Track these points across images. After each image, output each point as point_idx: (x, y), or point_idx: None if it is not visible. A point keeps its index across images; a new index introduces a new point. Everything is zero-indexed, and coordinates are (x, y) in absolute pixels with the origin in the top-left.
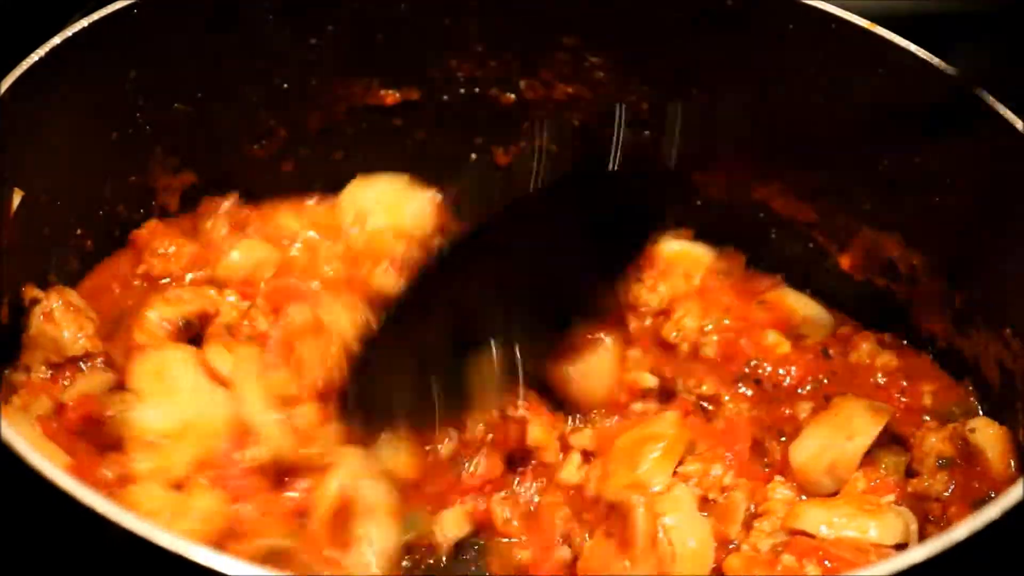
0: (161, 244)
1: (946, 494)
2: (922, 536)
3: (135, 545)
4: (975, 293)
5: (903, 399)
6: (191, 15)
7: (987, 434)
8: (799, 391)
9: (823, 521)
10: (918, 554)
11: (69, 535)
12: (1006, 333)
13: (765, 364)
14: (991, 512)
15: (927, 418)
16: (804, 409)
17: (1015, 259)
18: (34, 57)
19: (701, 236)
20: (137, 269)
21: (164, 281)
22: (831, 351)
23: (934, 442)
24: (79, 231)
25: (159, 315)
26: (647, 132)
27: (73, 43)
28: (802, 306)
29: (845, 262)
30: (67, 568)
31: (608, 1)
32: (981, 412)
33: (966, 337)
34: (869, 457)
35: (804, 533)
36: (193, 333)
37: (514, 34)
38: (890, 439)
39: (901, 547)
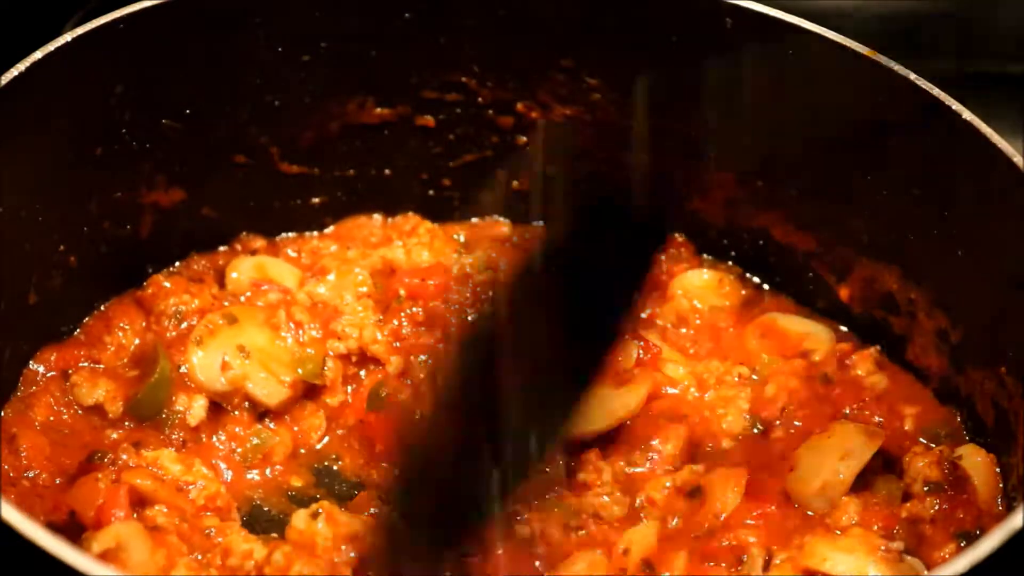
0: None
1: (933, 511)
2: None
3: None
4: (972, 331)
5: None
6: (179, 30)
7: (974, 461)
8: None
9: (842, 564)
10: None
11: None
12: (1001, 372)
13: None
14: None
15: (921, 440)
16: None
17: (1013, 298)
18: (13, 72)
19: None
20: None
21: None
22: (828, 372)
23: (921, 467)
24: (62, 247)
25: None
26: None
27: (55, 57)
28: (799, 326)
29: (844, 293)
30: None
31: (603, 24)
32: (967, 435)
33: (962, 374)
34: (865, 484)
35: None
36: None
37: (511, 54)
38: (883, 465)
39: None
